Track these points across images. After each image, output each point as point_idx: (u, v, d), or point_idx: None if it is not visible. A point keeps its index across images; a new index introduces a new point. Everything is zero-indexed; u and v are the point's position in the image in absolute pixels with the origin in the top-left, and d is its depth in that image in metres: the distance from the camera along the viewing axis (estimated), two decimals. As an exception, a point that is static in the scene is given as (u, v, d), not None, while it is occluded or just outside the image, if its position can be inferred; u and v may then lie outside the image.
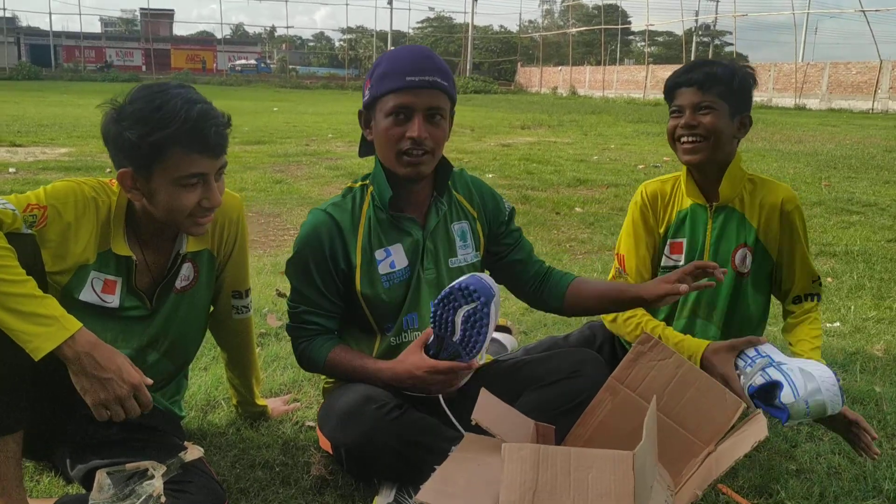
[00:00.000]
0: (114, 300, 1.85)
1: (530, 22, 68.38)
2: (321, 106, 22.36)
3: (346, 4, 53.41)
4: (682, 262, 2.29)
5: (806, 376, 1.89)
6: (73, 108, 17.46)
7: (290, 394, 2.59)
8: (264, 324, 3.29)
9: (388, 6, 50.19)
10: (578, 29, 49.39)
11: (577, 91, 39.21)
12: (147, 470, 1.75)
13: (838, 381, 1.91)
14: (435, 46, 59.10)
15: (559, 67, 45.33)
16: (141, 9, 56.76)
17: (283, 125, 14.39)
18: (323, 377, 2.22)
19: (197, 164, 1.70)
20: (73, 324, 1.56)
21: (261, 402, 2.36)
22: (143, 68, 47.50)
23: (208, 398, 2.51)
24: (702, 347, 2.08)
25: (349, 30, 66.45)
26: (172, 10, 60.25)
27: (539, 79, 45.13)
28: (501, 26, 66.90)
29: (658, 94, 32.92)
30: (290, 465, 2.08)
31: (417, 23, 69.28)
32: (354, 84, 42.14)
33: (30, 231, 1.67)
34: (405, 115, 1.84)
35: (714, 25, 48.75)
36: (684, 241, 2.31)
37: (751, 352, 2.01)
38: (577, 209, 6.50)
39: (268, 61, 57.87)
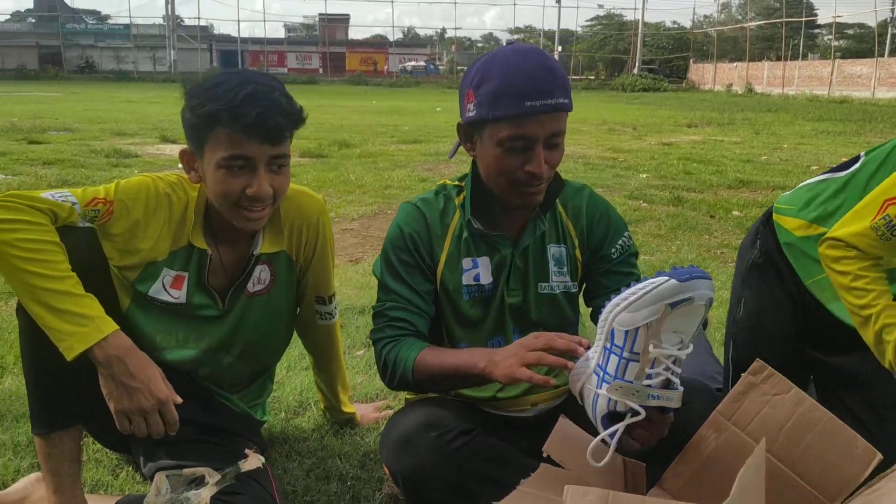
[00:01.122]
0: (181, 296, 1.79)
1: (705, 17, 65.34)
2: (483, 105, 22.36)
3: (514, 4, 53.30)
4: None
5: None
6: (250, 108, 18.45)
7: (385, 400, 2.47)
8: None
9: (556, 5, 49.72)
10: (758, 23, 46.60)
11: (753, 88, 36.97)
12: (204, 476, 1.69)
13: None
14: (604, 45, 57.97)
15: (735, 63, 42.97)
16: (319, 14, 59.59)
17: (442, 124, 14.47)
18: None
19: (240, 145, 1.60)
20: (109, 326, 1.50)
21: (348, 408, 2.26)
22: (320, 71, 49.86)
23: (301, 400, 2.44)
24: None
25: (517, 30, 66.48)
26: (348, 15, 62.96)
27: (713, 76, 43.01)
28: (674, 22, 64.54)
29: (845, 90, 30.45)
30: (364, 480, 1.95)
31: (586, 21, 68.14)
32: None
33: (88, 225, 1.64)
34: (524, 145, 1.58)
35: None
36: None
37: None
38: (735, 213, 5.99)
39: (437, 63, 58.96)
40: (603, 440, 1.40)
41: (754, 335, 2.07)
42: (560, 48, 52.61)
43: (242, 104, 1.57)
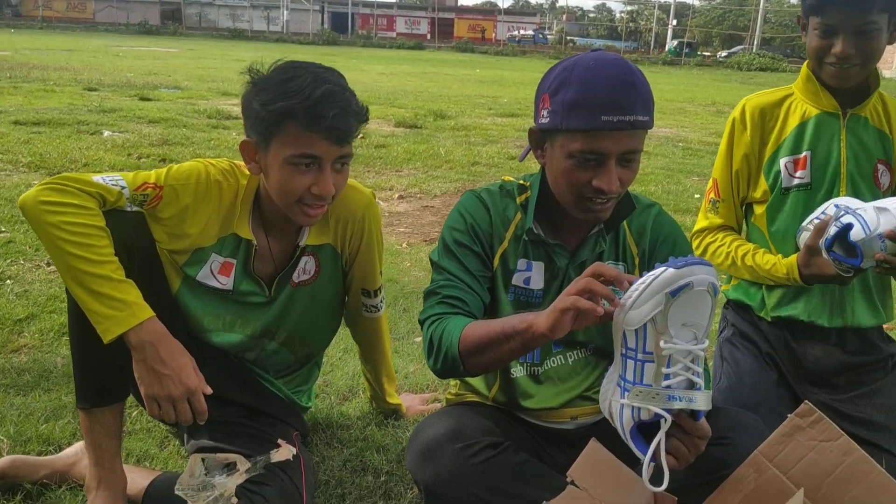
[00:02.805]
0: (228, 282, 1.82)
1: (836, -7, 61.46)
2: (588, 79, 21.89)
3: (631, -26, 51.70)
4: (808, 179, 2.01)
5: (880, 212, 1.75)
6: (356, 72, 18.65)
7: (434, 392, 2.46)
8: (438, 310, 3.19)
9: (675, -24, 47.85)
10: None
11: (882, 73, 34.81)
12: (236, 463, 1.72)
13: None
14: (722, 20, 55.70)
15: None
16: (431, -21, 59.53)
17: (542, 98, 14.23)
18: (450, 384, 2.04)
19: (311, 144, 1.61)
20: (145, 312, 1.54)
21: (393, 399, 2.26)
22: (428, 37, 49.91)
23: (351, 385, 2.46)
24: (793, 260, 1.94)
25: (631, 1, 64.55)
26: (461, -19, 62.50)
27: (838, 57, 40.66)
28: (801, -2, 61.12)
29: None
30: (398, 476, 1.95)
31: (706, -6, 65.34)
32: (630, 57, 40.92)
33: (135, 209, 1.67)
34: (596, 161, 1.51)
35: None
36: (808, 154, 2.00)
37: (830, 209, 1.86)
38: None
39: (545, 32, 58.02)
40: (647, 460, 1.34)
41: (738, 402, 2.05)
42: (675, 22, 50.86)
43: (318, 104, 1.57)
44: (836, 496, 1.40)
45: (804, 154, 2.00)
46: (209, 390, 1.59)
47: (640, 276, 1.71)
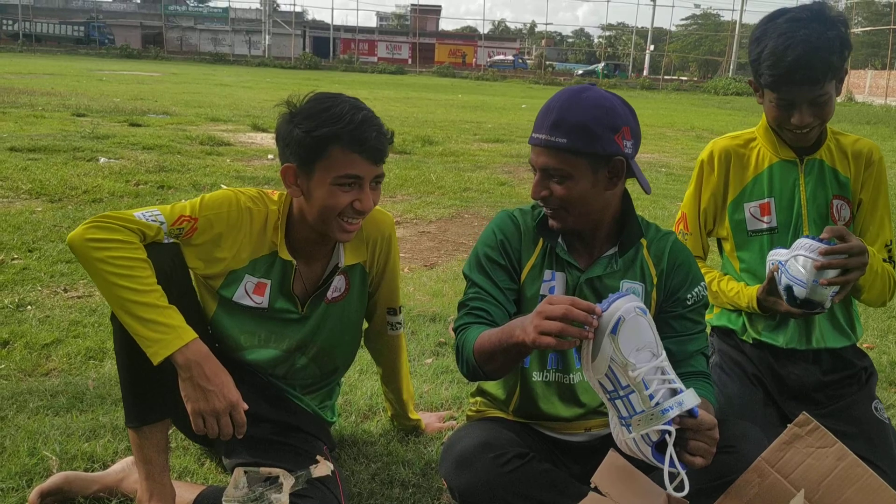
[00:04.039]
0: (263, 301, 1.97)
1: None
2: (569, 104, 22.19)
3: (608, 1, 52.57)
4: (774, 223, 2.20)
5: (796, 260, 1.96)
6: (339, 98, 18.86)
7: (449, 411, 2.60)
8: (445, 332, 3.34)
9: (651, 3, 48.75)
10: (864, 29, 44.71)
11: (854, 97, 35.56)
12: (278, 477, 1.85)
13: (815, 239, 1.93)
14: (698, 45, 56.59)
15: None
16: (412, 4, 60.11)
17: (526, 123, 14.50)
18: (470, 401, 2.19)
19: (355, 165, 1.80)
20: (189, 334, 1.69)
21: (414, 415, 2.40)
22: (409, 61, 50.32)
23: (370, 404, 2.59)
24: (754, 292, 2.13)
25: (609, 26, 65.53)
26: (440, 6, 63.15)
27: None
28: (774, 24, 62.25)
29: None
30: (425, 489, 2.09)
31: (681, 20, 66.61)
32: (607, 83, 41.48)
33: (172, 241, 1.84)
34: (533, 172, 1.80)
35: None
36: (772, 200, 2.20)
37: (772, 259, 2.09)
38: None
39: (525, 57, 58.70)
40: (666, 471, 1.51)
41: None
42: (653, 47, 51.66)
43: (360, 128, 1.77)
44: (831, 498, 1.57)
45: (767, 200, 2.19)
46: (246, 406, 1.74)
47: (657, 297, 1.91)
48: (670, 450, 1.51)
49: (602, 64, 50.90)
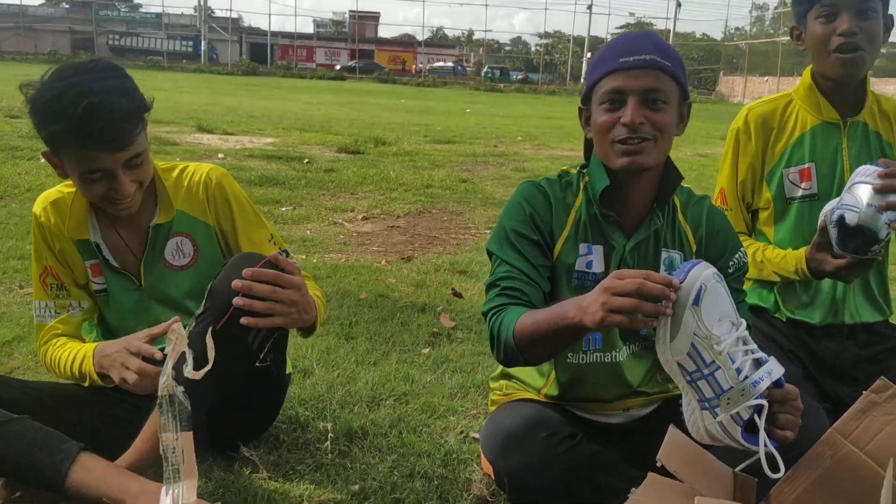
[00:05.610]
0: (102, 282, 1.90)
1: (737, 29, 64.87)
2: (513, 108, 22.36)
3: (545, 9, 53.31)
4: (814, 190, 2.09)
5: (852, 188, 1.82)
6: (282, 101, 18.59)
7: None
8: (437, 322, 3.19)
9: (588, 11, 49.56)
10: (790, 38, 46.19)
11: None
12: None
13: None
14: (633, 53, 57.65)
15: (765, 78, 42.69)
16: (350, 11, 59.82)
17: (473, 126, 14.47)
18: (493, 386, 2.03)
19: (95, 160, 1.64)
20: (91, 348, 1.79)
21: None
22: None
23: (373, 395, 2.42)
24: (802, 253, 1.99)
25: (546, 34, 66.36)
26: (378, 13, 62.84)
27: (742, 89, 42.75)
28: (704, 34, 64.25)
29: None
30: (451, 480, 1.93)
31: (616, 28, 67.73)
32: (547, 89, 41.94)
33: (77, 304, 1.91)
34: (620, 101, 1.59)
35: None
36: (812, 165, 2.09)
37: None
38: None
39: (464, 64, 58.97)
40: (762, 451, 1.39)
41: None
42: (589, 54, 52.41)
43: (83, 124, 1.56)
44: (916, 468, 1.47)
45: (808, 165, 2.09)
46: (153, 350, 1.67)
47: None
48: (762, 428, 1.39)
49: (486, 67, 52.40)
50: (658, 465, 1.48)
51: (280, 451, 2.03)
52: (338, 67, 47.28)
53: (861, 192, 1.80)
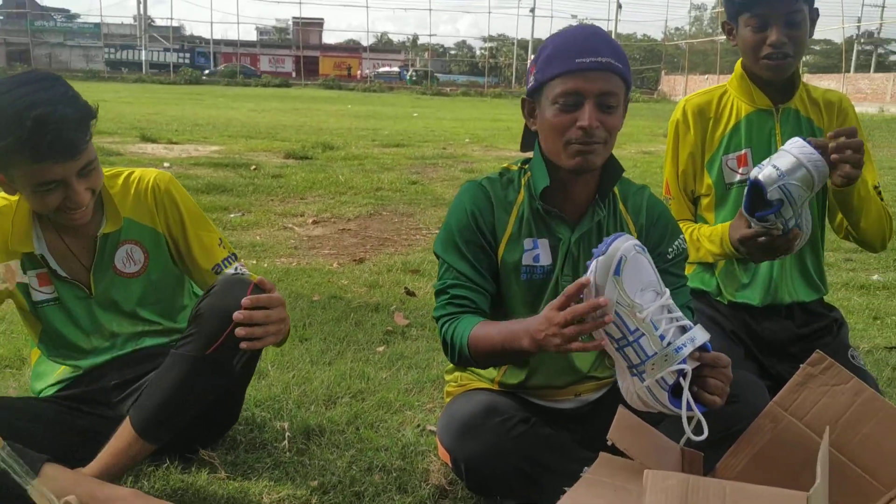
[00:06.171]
0: (52, 290, 1.86)
1: (677, 29, 66.26)
2: (459, 112, 22.47)
3: (489, 13, 53.73)
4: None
5: (777, 153, 1.88)
6: (227, 109, 18.38)
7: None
8: (391, 321, 3.21)
9: (531, 14, 50.07)
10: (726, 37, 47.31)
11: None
12: None
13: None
14: (576, 54, 58.32)
15: (706, 76, 43.61)
16: (293, 18, 59.39)
17: (421, 129, 14.50)
18: (447, 378, 2.07)
19: (49, 172, 1.62)
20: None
21: None
22: (294, 74, 49.60)
23: (329, 393, 2.43)
24: (726, 226, 2.06)
25: (491, 38, 66.81)
26: (322, 20, 62.71)
27: (684, 87, 43.59)
28: (645, 35, 65.38)
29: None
30: (409, 472, 1.95)
31: (559, 30, 68.87)
32: (493, 91, 42.21)
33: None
34: (575, 103, 1.62)
35: (878, 33, 45.42)
36: (749, 150, 2.18)
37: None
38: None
39: (410, 68, 59.02)
40: (684, 414, 1.46)
41: None
42: (533, 57, 52.94)
43: (32, 136, 1.55)
44: (849, 435, 1.54)
45: (744, 151, 2.17)
46: None
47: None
48: (686, 391, 1.45)
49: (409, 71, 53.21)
50: (609, 443, 1.53)
51: (238, 451, 2.03)
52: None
53: (777, 156, 1.87)
